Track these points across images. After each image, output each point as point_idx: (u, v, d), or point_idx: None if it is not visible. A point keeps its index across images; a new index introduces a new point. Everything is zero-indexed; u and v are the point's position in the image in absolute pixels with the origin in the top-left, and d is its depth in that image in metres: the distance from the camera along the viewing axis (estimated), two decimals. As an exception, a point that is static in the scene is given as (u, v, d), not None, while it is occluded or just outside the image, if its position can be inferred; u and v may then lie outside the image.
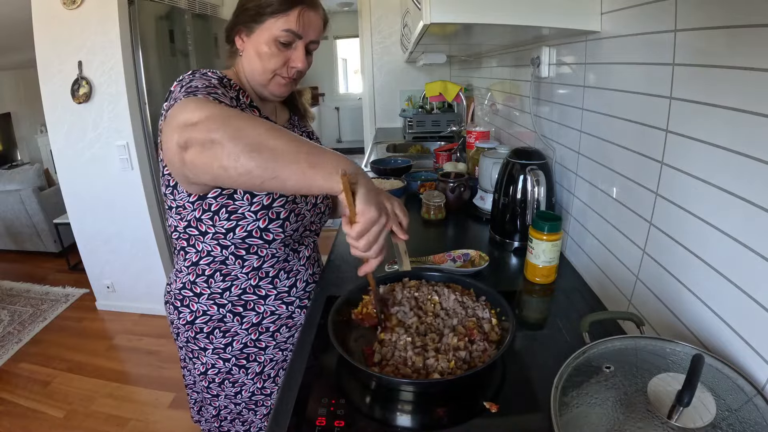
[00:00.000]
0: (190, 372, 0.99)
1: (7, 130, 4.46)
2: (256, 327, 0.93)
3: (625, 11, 0.82)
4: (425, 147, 2.72)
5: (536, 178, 1.06)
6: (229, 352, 0.92)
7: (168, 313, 0.96)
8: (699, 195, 0.64)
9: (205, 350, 0.92)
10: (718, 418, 0.48)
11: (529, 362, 0.75)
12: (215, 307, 0.90)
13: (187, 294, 0.90)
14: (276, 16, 0.81)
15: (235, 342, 0.92)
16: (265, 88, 0.87)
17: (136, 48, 2.26)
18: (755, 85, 0.53)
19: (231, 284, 0.89)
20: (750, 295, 0.55)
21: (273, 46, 0.82)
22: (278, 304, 0.94)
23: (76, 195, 2.53)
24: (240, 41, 0.87)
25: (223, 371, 0.93)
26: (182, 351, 0.97)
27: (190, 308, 0.91)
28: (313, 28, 0.85)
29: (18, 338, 2.56)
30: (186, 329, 0.92)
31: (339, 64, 6.99)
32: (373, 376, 0.68)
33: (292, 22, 0.81)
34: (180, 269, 0.91)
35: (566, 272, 1.07)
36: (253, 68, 0.85)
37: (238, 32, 0.86)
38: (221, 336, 0.91)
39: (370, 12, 3.39)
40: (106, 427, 1.92)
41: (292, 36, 0.82)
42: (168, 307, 0.95)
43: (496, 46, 1.74)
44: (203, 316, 0.90)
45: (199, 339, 0.92)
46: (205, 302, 0.90)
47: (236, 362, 0.93)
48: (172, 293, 0.93)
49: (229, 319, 0.91)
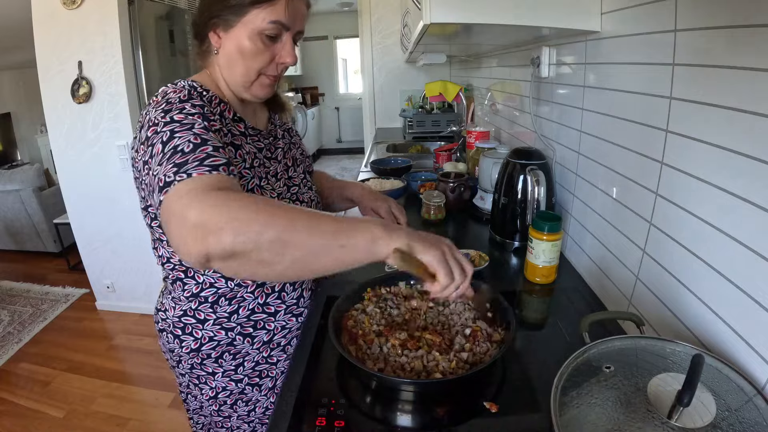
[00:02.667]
0: (195, 398, 0.91)
1: (7, 130, 4.47)
2: (267, 344, 0.88)
3: (625, 11, 0.82)
4: (425, 147, 2.72)
5: (536, 178, 1.06)
6: (240, 373, 0.87)
7: (166, 342, 0.88)
8: (699, 195, 0.64)
9: (214, 374, 0.86)
10: (718, 418, 0.48)
11: (529, 362, 0.75)
12: (223, 332, 0.84)
13: (189, 321, 0.83)
14: (260, 6, 0.71)
15: (246, 362, 0.87)
16: (247, 90, 0.78)
17: (136, 48, 2.27)
18: (755, 85, 0.52)
19: (238, 306, 0.83)
20: (750, 295, 0.55)
21: (258, 41, 0.73)
22: (288, 318, 0.90)
23: (76, 195, 2.53)
24: (216, 37, 0.76)
25: (236, 392, 0.88)
26: (184, 378, 0.89)
27: (194, 335, 0.84)
28: (300, 16, 0.76)
29: (18, 338, 2.56)
30: (191, 357, 0.85)
31: (339, 64, 7.00)
32: (373, 376, 0.68)
33: (280, 12, 0.72)
34: (178, 298, 0.83)
35: (566, 272, 1.07)
36: (234, 68, 0.76)
37: (213, 27, 0.75)
38: (231, 358, 0.86)
39: (370, 12, 3.38)
40: (106, 427, 1.92)
41: (280, 28, 0.73)
42: (165, 336, 0.87)
43: (496, 46, 1.74)
44: (210, 341, 0.84)
45: (206, 364, 0.86)
46: (211, 328, 0.83)
47: (249, 381, 0.89)
48: (169, 321, 0.85)
49: (239, 341, 0.85)
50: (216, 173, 0.58)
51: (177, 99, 0.68)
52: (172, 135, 0.61)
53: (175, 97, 0.68)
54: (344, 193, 1.11)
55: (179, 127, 0.63)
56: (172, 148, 0.60)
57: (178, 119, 0.64)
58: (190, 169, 0.57)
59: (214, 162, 0.59)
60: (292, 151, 0.97)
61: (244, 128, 0.82)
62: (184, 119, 0.64)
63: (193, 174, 0.57)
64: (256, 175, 0.80)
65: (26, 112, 4.57)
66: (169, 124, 0.63)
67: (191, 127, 0.63)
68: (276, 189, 0.84)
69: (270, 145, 0.89)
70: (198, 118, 0.65)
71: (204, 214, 0.51)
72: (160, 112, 0.65)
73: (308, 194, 0.95)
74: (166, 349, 0.90)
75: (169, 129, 0.62)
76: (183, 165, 0.58)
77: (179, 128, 0.62)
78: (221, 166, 0.59)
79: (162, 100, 0.68)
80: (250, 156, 0.80)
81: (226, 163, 0.60)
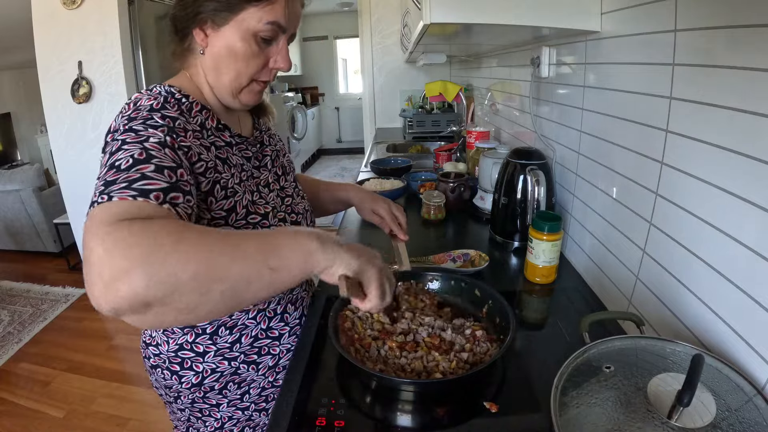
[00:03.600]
0: (198, 431, 0.85)
1: (7, 130, 4.46)
2: (273, 369, 0.84)
3: (625, 11, 0.82)
4: (425, 147, 2.72)
5: (536, 178, 1.06)
6: (246, 400, 0.83)
7: (161, 378, 0.80)
8: (699, 195, 0.64)
9: (218, 405, 0.81)
10: (718, 418, 0.48)
11: (529, 362, 0.75)
12: (226, 362, 0.78)
13: (187, 355, 0.77)
14: (258, 5, 0.64)
15: (252, 389, 0.83)
16: (235, 97, 0.71)
17: (136, 48, 2.27)
18: (755, 85, 0.53)
19: (240, 335, 0.78)
20: (750, 295, 0.55)
21: (252, 43, 0.66)
22: (293, 340, 0.85)
23: (76, 195, 2.53)
24: (202, 35, 0.67)
25: (243, 419, 0.84)
26: (184, 413, 0.83)
27: (195, 369, 0.77)
28: (296, 18, 0.70)
29: (18, 338, 2.56)
30: (192, 392, 0.79)
31: (339, 64, 7.00)
32: (373, 377, 0.68)
33: (278, 13, 0.65)
34: (171, 330, 0.76)
35: (566, 272, 1.07)
36: (223, 72, 0.68)
37: (201, 23, 0.66)
38: (236, 388, 0.81)
39: (370, 12, 3.38)
40: (106, 427, 1.92)
41: (277, 30, 0.67)
42: (161, 372, 0.79)
43: (496, 46, 1.74)
44: (213, 374, 0.78)
45: (209, 397, 0.80)
46: (213, 360, 0.77)
47: (256, 408, 0.84)
48: (163, 357, 0.78)
49: (244, 370, 0.80)
50: (142, 200, 0.49)
51: (148, 107, 0.61)
52: (120, 146, 0.54)
53: (146, 105, 0.62)
54: (337, 195, 1.06)
55: (132, 138, 0.55)
56: (112, 162, 0.53)
57: (136, 129, 0.57)
58: (114, 191, 0.49)
59: (146, 185, 0.50)
60: (281, 159, 0.90)
61: (229, 137, 0.74)
62: (142, 131, 0.57)
63: (114, 198, 0.48)
64: (247, 189, 0.73)
65: (26, 112, 4.57)
66: (125, 133, 0.56)
67: (145, 140, 0.55)
68: (270, 202, 0.77)
69: (258, 152, 0.83)
70: (159, 132, 0.57)
71: (111, 254, 0.42)
72: (124, 120, 0.59)
73: (302, 204, 0.88)
74: (160, 385, 0.82)
75: (121, 139, 0.55)
76: (111, 184, 0.50)
77: (131, 140, 0.55)
78: (153, 192, 0.50)
79: (133, 107, 0.61)
80: (237, 168, 0.73)
81: (163, 189, 0.51)
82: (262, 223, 0.73)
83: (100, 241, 0.43)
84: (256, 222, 0.72)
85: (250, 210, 0.71)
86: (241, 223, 0.70)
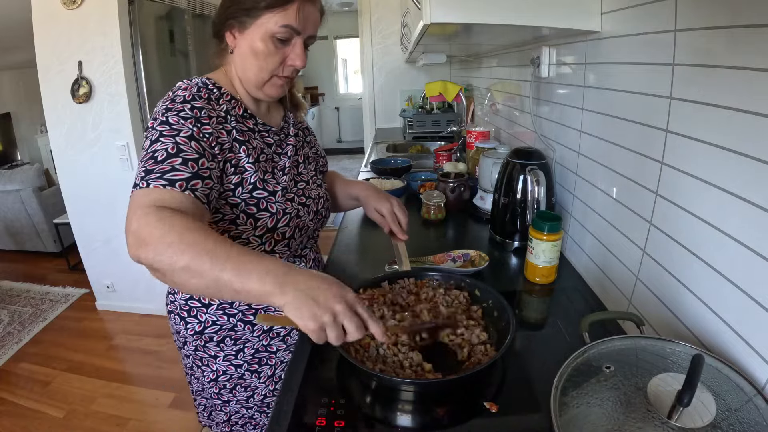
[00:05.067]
0: (198, 380, 0.96)
1: (7, 130, 4.46)
2: (267, 333, 0.91)
3: (625, 11, 0.82)
4: (425, 147, 2.72)
5: (536, 178, 1.06)
6: (240, 358, 0.91)
7: (173, 323, 0.93)
8: (699, 195, 0.64)
9: (215, 357, 0.90)
10: (718, 418, 0.48)
11: (529, 362, 0.75)
12: (225, 317, 0.88)
13: (194, 305, 0.88)
14: (273, 11, 0.75)
15: (246, 348, 0.91)
16: (260, 90, 0.83)
17: (136, 48, 2.26)
18: (755, 85, 0.53)
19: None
20: (750, 295, 0.55)
21: (270, 44, 0.77)
22: None
23: (76, 195, 2.53)
24: (231, 38, 0.80)
25: (235, 377, 0.92)
26: (189, 359, 0.95)
27: (199, 318, 0.88)
28: (311, 22, 0.80)
29: (18, 338, 2.56)
30: (194, 339, 0.90)
31: (339, 64, 6.99)
32: (373, 376, 0.68)
33: (290, 17, 0.76)
34: None
35: (566, 272, 1.07)
36: (247, 68, 0.80)
37: (230, 27, 0.79)
38: (232, 344, 0.90)
39: (370, 12, 3.38)
40: (106, 427, 1.92)
41: (291, 32, 0.77)
42: (173, 317, 0.93)
43: (496, 46, 1.74)
44: (213, 326, 0.88)
45: (208, 347, 0.90)
46: (215, 312, 0.88)
47: (248, 367, 0.92)
48: (177, 303, 0.91)
49: (240, 328, 0.89)
50: (170, 188, 0.65)
51: (182, 98, 0.74)
52: (158, 137, 0.69)
53: (181, 96, 0.74)
54: (350, 192, 1.11)
55: (168, 131, 0.70)
56: (151, 151, 0.68)
57: (172, 122, 0.71)
58: (152, 179, 0.65)
59: (173, 176, 0.66)
60: (305, 149, 1.01)
61: (253, 124, 0.86)
62: (175, 123, 0.71)
63: (151, 185, 0.65)
64: (260, 169, 0.83)
65: (26, 112, 4.57)
66: (162, 124, 0.70)
67: (177, 134, 0.70)
68: (281, 183, 0.87)
69: (281, 141, 0.93)
70: (189, 124, 0.71)
71: (141, 228, 0.60)
72: (163, 108, 0.73)
73: (317, 191, 0.97)
74: (174, 330, 0.94)
75: (159, 130, 0.70)
76: (149, 173, 0.66)
77: (167, 132, 0.70)
78: (178, 182, 0.66)
79: (172, 95, 0.75)
80: (256, 151, 0.84)
81: (187, 177, 0.67)
82: (268, 198, 0.82)
83: (136, 218, 0.61)
84: (262, 197, 0.81)
85: (258, 186, 0.81)
86: (246, 196, 0.80)
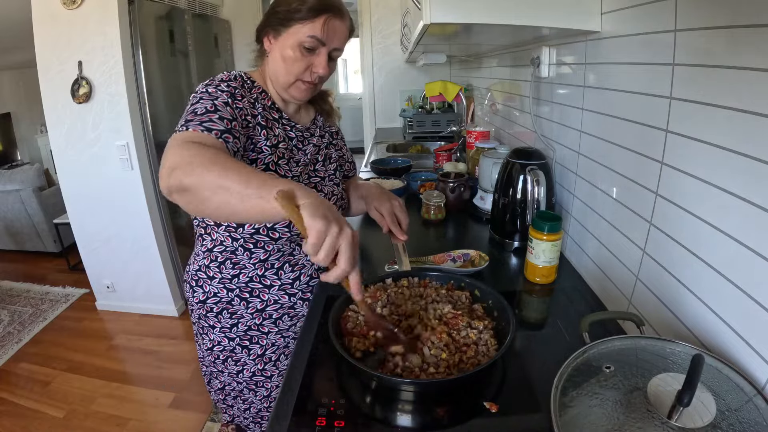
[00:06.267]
0: (200, 346, 1.06)
1: (7, 130, 4.46)
2: (260, 313, 0.99)
3: (625, 11, 0.82)
4: (425, 147, 2.72)
5: (536, 178, 1.06)
6: (234, 332, 0.99)
7: (185, 291, 1.05)
8: (699, 195, 0.64)
9: (213, 328, 1.00)
10: (718, 418, 0.48)
11: (529, 362, 0.75)
12: (225, 291, 0.97)
13: (201, 276, 0.98)
14: (303, 22, 0.85)
15: (240, 324, 0.99)
16: (286, 91, 0.92)
17: (136, 48, 2.26)
18: (755, 85, 0.53)
19: (239, 272, 0.96)
20: (750, 295, 0.55)
21: (297, 51, 0.86)
22: (281, 295, 0.99)
23: (76, 195, 2.53)
24: (268, 43, 0.91)
25: (228, 349, 1.01)
26: (195, 326, 1.05)
27: (203, 289, 0.98)
28: (338, 35, 0.88)
29: (18, 338, 2.56)
30: (198, 307, 1.00)
31: (339, 64, 6.99)
32: (373, 376, 0.68)
33: (317, 29, 0.85)
34: (198, 253, 1.00)
35: (566, 272, 1.07)
36: (277, 70, 0.90)
37: (267, 34, 0.90)
38: (228, 317, 0.99)
39: (370, 12, 3.38)
40: (106, 427, 1.92)
41: (317, 42, 0.86)
42: (185, 286, 1.05)
43: (496, 46, 1.74)
44: (214, 297, 0.98)
45: (209, 317, 1.00)
46: (216, 285, 0.97)
47: (240, 342, 1.00)
48: (189, 273, 1.02)
49: (236, 303, 0.98)
50: (206, 133, 0.73)
51: (220, 79, 0.85)
52: (198, 100, 0.79)
53: (219, 77, 0.85)
54: (358, 192, 1.14)
55: (206, 96, 0.79)
56: (192, 109, 0.77)
57: (210, 92, 0.81)
58: (191, 125, 0.74)
59: (211, 126, 0.75)
60: (328, 150, 1.08)
61: (278, 116, 0.95)
62: (214, 92, 0.80)
63: (190, 129, 0.73)
64: (275, 153, 0.90)
65: (26, 112, 4.57)
66: (202, 93, 0.80)
67: (215, 99, 0.79)
68: (293, 172, 0.94)
69: (303, 138, 1.01)
70: (225, 95, 0.81)
71: (176, 156, 0.66)
72: (203, 86, 0.83)
73: (331, 188, 1.04)
74: (185, 298, 1.08)
75: (199, 96, 0.80)
76: (190, 122, 0.75)
77: (206, 97, 0.79)
78: (215, 130, 0.74)
79: (213, 78, 0.85)
80: (276, 138, 0.92)
81: (222, 129, 0.75)
82: None
83: (173, 148, 0.68)
84: None
85: (270, 168, 0.89)
86: None
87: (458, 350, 0.71)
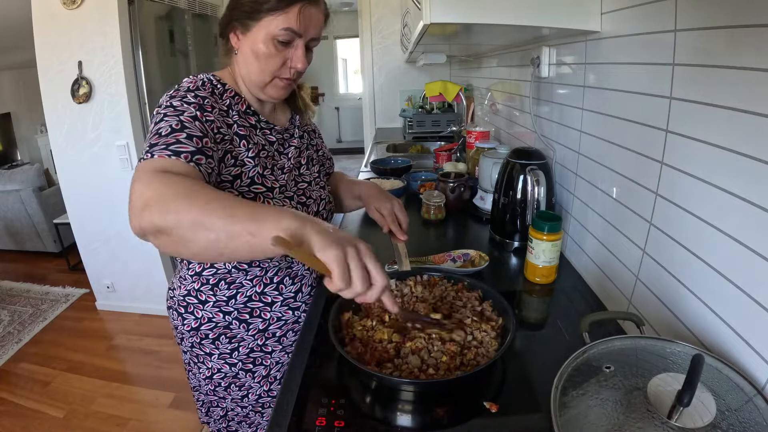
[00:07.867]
0: (195, 375, 0.97)
1: (7, 130, 4.46)
2: (263, 333, 0.92)
3: (625, 11, 0.82)
4: (425, 147, 2.72)
5: (536, 178, 1.06)
6: (235, 357, 0.92)
7: (171, 319, 0.95)
8: (699, 195, 0.64)
9: (210, 355, 0.91)
10: (718, 418, 0.48)
11: (529, 362, 0.75)
12: (221, 315, 0.89)
13: (191, 301, 0.89)
14: (274, 14, 0.75)
15: (241, 347, 0.91)
16: (262, 91, 0.83)
17: (136, 48, 2.26)
18: (755, 85, 0.53)
19: (236, 292, 0.88)
20: (750, 296, 0.55)
21: (271, 46, 0.77)
22: (284, 310, 0.93)
23: (76, 195, 2.53)
24: (235, 39, 0.81)
25: (230, 375, 0.93)
26: (186, 355, 0.96)
27: (195, 315, 0.89)
28: (314, 24, 0.79)
29: (18, 338, 2.56)
30: (191, 335, 0.91)
31: (339, 64, 6.99)
32: (373, 376, 0.68)
33: (291, 20, 0.76)
34: (184, 277, 0.90)
35: (566, 272, 1.07)
36: (250, 69, 0.80)
37: (233, 29, 0.80)
38: (227, 342, 0.90)
39: (370, 12, 3.38)
40: (106, 427, 1.92)
41: (292, 35, 0.77)
42: (171, 312, 0.94)
43: (496, 46, 1.74)
44: (209, 323, 0.89)
45: (204, 344, 0.91)
46: (211, 309, 0.88)
47: (243, 366, 0.92)
48: (175, 299, 0.92)
49: (235, 326, 0.90)
50: (175, 158, 0.65)
51: (186, 88, 0.76)
52: (162, 118, 0.70)
53: (185, 86, 0.77)
54: (353, 191, 1.11)
55: (171, 112, 0.70)
56: (156, 129, 0.68)
57: (175, 105, 0.72)
58: (156, 150, 0.65)
59: (179, 148, 0.66)
60: (309, 151, 1.01)
61: (256, 121, 0.87)
62: (179, 106, 0.72)
63: (155, 155, 0.64)
64: (260, 164, 0.83)
65: (26, 112, 4.57)
66: (166, 108, 0.71)
67: (180, 114, 0.70)
68: (279, 180, 0.87)
69: (283, 140, 0.93)
70: (192, 107, 0.72)
71: (145, 190, 0.58)
72: (167, 97, 0.74)
73: (318, 193, 0.97)
74: (173, 325, 0.95)
75: (163, 112, 0.71)
76: (154, 146, 0.66)
77: (170, 113, 0.70)
78: (183, 153, 0.66)
79: (177, 87, 0.77)
80: (257, 146, 0.84)
81: (191, 151, 0.67)
82: (266, 194, 0.82)
83: (140, 182, 0.59)
84: (259, 192, 0.81)
85: (256, 181, 0.81)
86: (244, 189, 0.80)
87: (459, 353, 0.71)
